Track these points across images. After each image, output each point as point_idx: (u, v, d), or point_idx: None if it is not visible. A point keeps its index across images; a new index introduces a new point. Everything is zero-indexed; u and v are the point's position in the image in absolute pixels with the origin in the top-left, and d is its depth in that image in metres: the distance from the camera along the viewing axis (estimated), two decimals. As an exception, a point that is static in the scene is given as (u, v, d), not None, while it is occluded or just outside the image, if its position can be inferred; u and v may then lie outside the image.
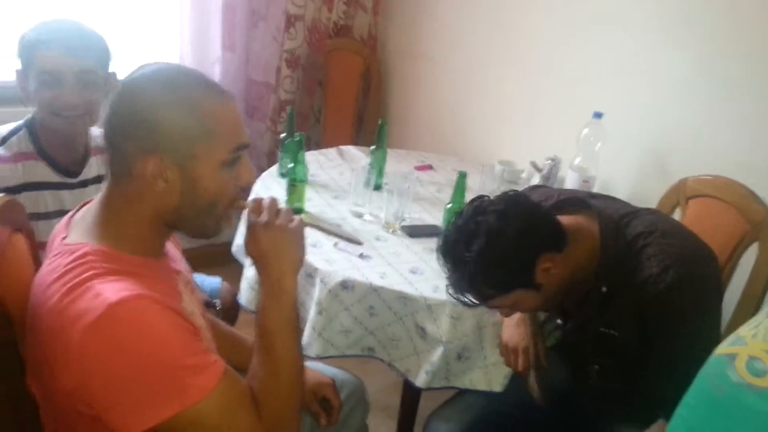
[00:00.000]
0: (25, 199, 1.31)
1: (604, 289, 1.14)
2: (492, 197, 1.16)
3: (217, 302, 1.64)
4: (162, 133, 0.82)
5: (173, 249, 1.06)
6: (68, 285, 0.80)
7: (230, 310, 1.68)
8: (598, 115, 1.90)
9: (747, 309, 1.43)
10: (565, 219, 1.18)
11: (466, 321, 1.41)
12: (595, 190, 1.99)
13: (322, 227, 1.33)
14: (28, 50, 1.28)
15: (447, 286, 1.18)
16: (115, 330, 0.77)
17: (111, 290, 0.78)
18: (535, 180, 2.13)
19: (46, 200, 1.36)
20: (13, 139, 1.33)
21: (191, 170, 0.85)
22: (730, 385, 0.70)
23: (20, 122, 1.36)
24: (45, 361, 0.82)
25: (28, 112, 1.38)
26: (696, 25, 1.80)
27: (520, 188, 2.17)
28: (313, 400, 1.26)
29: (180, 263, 1.05)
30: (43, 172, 1.35)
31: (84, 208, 0.95)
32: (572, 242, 1.13)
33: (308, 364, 1.33)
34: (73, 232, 0.89)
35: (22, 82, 1.32)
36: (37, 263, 1.04)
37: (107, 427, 0.80)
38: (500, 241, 1.08)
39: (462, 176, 1.55)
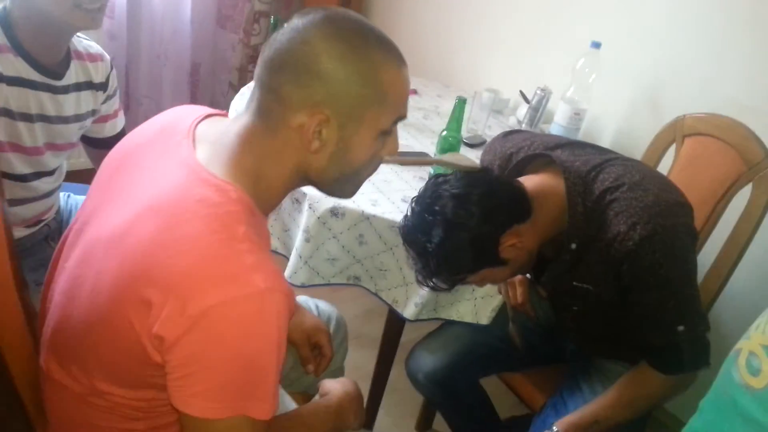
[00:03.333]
0: (12, 94, 1.19)
1: (573, 246, 1.11)
2: (449, 178, 1.11)
3: None
4: (337, 89, 0.75)
5: None
6: (221, 232, 0.72)
7: None
8: (596, 45, 1.83)
9: (734, 249, 1.43)
10: (529, 181, 1.14)
11: (460, 253, 1.38)
12: (585, 123, 1.95)
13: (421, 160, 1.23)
14: None
15: (415, 273, 1.14)
16: (248, 317, 0.71)
17: (263, 269, 0.72)
18: (522, 110, 2.07)
19: (29, 100, 1.22)
20: None
21: (351, 136, 0.79)
22: (733, 387, 0.68)
23: None
24: (130, 288, 0.73)
25: None
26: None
27: (506, 118, 2.14)
28: (305, 343, 1.21)
29: None
30: (21, 69, 1.20)
31: (212, 125, 0.85)
32: (537, 208, 1.10)
33: (300, 298, 1.29)
34: (206, 155, 0.80)
35: None
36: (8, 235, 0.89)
37: (154, 388, 0.77)
38: (460, 230, 1.05)
39: (461, 102, 1.47)
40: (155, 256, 0.72)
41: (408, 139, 1.78)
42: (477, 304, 1.44)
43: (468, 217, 1.04)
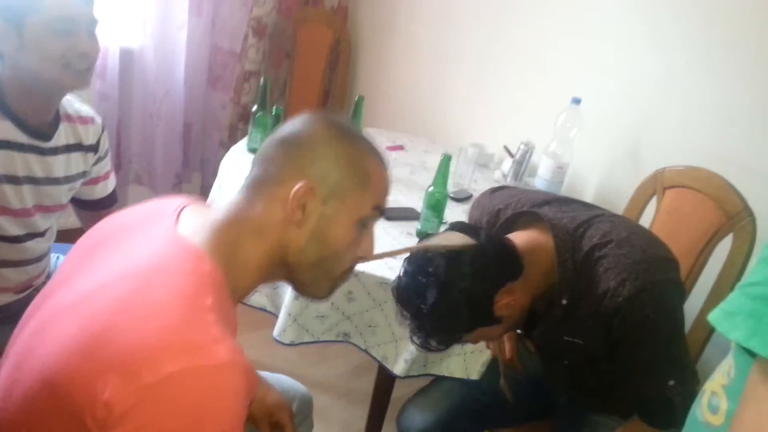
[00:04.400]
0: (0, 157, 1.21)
1: (564, 301, 1.13)
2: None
3: None
4: (325, 165, 0.81)
5: None
6: (189, 300, 0.71)
7: None
8: (576, 101, 1.89)
9: (718, 300, 1.45)
10: (518, 238, 1.16)
11: (448, 309, 1.39)
12: (568, 177, 2.00)
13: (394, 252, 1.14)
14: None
15: (410, 334, 1.14)
16: (206, 389, 0.67)
17: (226, 342, 0.70)
18: (507, 164, 2.11)
19: (16, 163, 1.24)
20: None
21: (333, 212, 0.81)
22: (696, 425, 0.70)
23: None
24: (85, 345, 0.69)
25: None
26: (677, 17, 1.80)
27: (491, 172, 2.18)
28: (265, 419, 1.18)
29: None
30: (8, 131, 1.22)
31: (198, 208, 0.86)
32: (528, 264, 1.11)
33: (261, 373, 1.25)
34: (189, 226, 0.80)
35: (6, 35, 1.17)
36: None
37: None
38: (454, 291, 1.06)
39: (446, 159, 1.51)
40: (118, 318, 0.70)
41: (395, 194, 1.81)
42: (467, 359, 1.44)
43: (461, 278, 1.05)
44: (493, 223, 1.28)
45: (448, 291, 1.05)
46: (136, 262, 0.76)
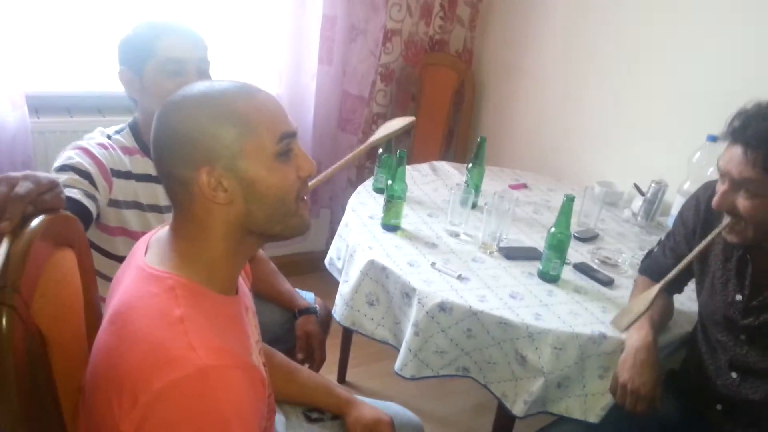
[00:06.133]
0: (143, 189, 1.38)
1: None
2: None
3: (317, 307, 1.67)
4: (204, 143, 0.81)
5: (243, 282, 1.03)
6: (159, 319, 0.77)
7: (324, 324, 1.69)
8: (712, 138, 1.80)
9: None
10: None
11: (570, 351, 1.36)
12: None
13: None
14: (148, 42, 1.32)
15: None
16: (194, 397, 0.73)
17: (204, 345, 0.75)
18: (637, 203, 2.04)
19: (158, 194, 1.41)
20: (117, 136, 1.40)
21: (245, 171, 0.82)
22: None
23: (123, 124, 1.43)
24: (107, 380, 0.78)
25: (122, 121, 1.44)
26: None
27: (620, 211, 2.11)
28: None
29: (248, 298, 1.04)
30: (148, 167, 1.40)
31: (162, 229, 0.93)
32: None
33: (366, 399, 1.30)
34: (152, 254, 0.87)
35: (132, 81, 1.36)
36: (90, 280, 1.01)
37: None
38: None
39: (569, 200, 1.49)
40: (111, 358, 0.78)
41: (518, 234, 1.81)
42: (587, 401, 1.40)
43: None
44: None
45: None
46: (118, 301, 0.84)
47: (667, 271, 1.30)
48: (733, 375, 1.32)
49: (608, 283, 1.60)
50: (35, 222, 0.82)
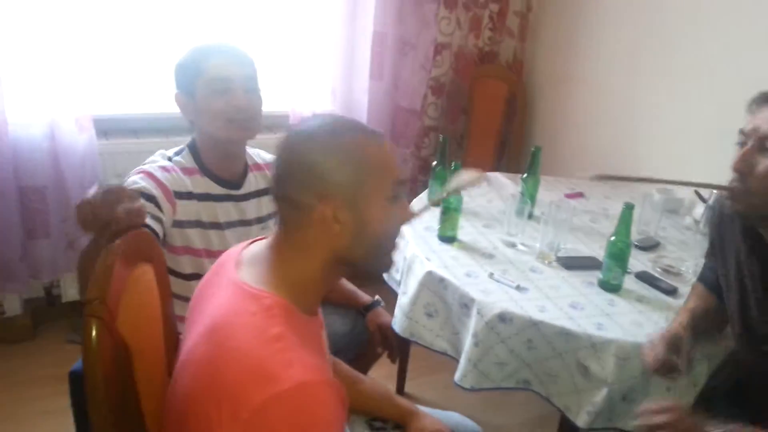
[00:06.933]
0: (204, 208, 1.44)
1: None
2: None
3: (381, 300, 1.72)
4: (333, 177, 0.87)
5: None
6: (258, 337, 0.81)
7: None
8: (777, 142, 1.74)
9: None
10: None
11: (634, 362, 1.34)
12: None
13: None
14: (196, 64, 1.39)
15: None
16: (294, 410, 0.77)
17: (300, 362, 0.79)
18: (699, 210, 1.99)
19: (216, 212, 1.47)
20: (177, 158, 1.46)
21: (362, 209, 0.88)
22: None
23: (182, 146, 1.49)
24: (204, 395, 0.82)
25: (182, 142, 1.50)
26: None
27: (681, 218, 2.06)
28: None
29: (321, 315, 1.07)
30: (208, 186, 1.46)
31: (254, 246, 0.97)
32: None
33: (427, 409, 1.32)
34: (247, 271, 0.91)
35: (186, 104, 1.43)
36: (166, 294, 1.06)
37: None
38: None
39: (629, 209, 1.47)
40: (211, 370, 0.82)
41: (576, 243, 1.80)
42: (657, 416, 1.36)
43: None
44: None
45: None
46: (213, 316, 0.87)
47: (710, 278, 1.28)
48: None
49: (672, 292, 1.56)
50: (120, 238, 0.88)
